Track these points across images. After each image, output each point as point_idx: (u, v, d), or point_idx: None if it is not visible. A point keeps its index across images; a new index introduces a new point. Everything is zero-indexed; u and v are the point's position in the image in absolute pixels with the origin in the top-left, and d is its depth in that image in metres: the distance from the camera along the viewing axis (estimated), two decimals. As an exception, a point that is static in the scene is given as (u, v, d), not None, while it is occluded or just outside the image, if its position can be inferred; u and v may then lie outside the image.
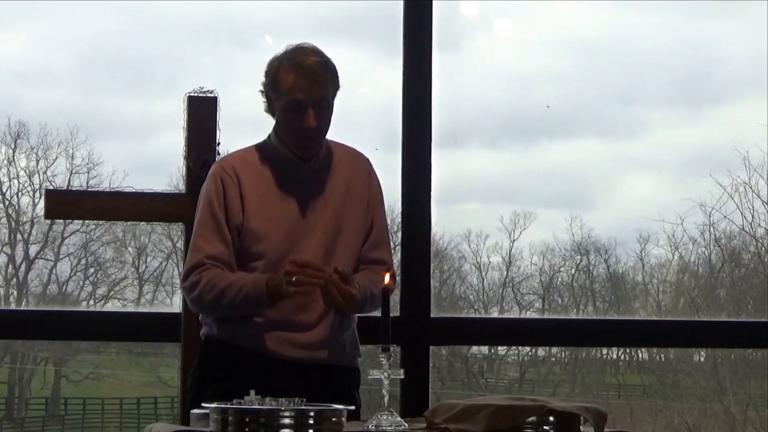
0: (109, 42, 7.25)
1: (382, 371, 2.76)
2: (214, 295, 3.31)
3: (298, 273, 3.18)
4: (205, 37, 7.39)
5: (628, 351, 8.80)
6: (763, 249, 8.04)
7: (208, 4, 6.70)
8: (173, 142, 4.17)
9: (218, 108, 3.96)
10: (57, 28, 7.53)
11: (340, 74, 3.43)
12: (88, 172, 7.46)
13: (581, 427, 2.75)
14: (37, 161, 7.64)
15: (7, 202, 7.78)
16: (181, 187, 3.99)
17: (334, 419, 2.55)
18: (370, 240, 3.49)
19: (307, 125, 3.34)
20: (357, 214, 3.46)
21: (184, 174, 3.96)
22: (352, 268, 3.41)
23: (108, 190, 4.43)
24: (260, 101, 3.46)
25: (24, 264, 7.81)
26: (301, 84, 3.34)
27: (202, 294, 3.32)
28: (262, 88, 3.43)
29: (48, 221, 7.55)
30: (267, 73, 3.42)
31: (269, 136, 3.48)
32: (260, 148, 3.47)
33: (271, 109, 3.44)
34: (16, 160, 7.63)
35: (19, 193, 7.76)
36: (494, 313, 8.32)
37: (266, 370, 3.30)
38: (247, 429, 2.49)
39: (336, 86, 3.42)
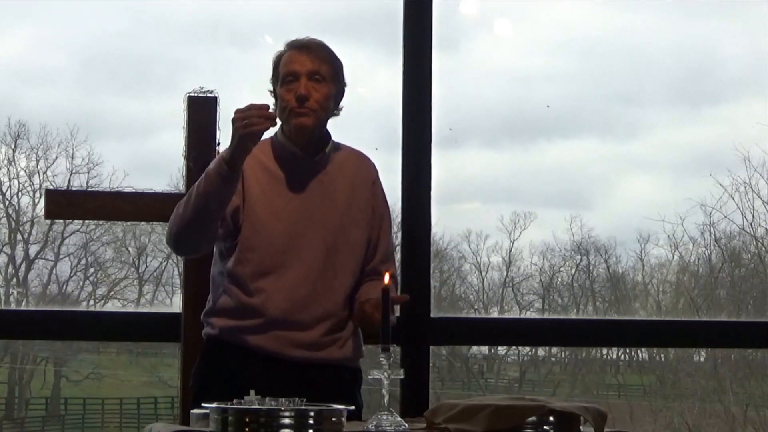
0: (109, 42, 7.25)
1: (382, 371, 2.76)
2: (183, 203, 3.28)
3: (246, 116, 3.12)
4: (205, 37, 7.39)
5: (628, 351, 8.80)
6: (764, 249, 8.04)
7: (207, 3, 6.71)
8: (173, 142, 4.17)
9: (218, 108, 3.97)
10: (57, 28, 7.53)
11: (345, 75, 3.46)
12: (88, 172, 7.47)
13: (581, 427, 2.75)
14: (37, 161, 7.64)
15: (7, 202, 7.78)
16: (181, 187, 3.99)
17: (334, 419, 2.55)
18: (379, 255, 3.49)
19: (297, 94, 3.34)
20: (361, 217, 3.46)
21: (184, 174, 3.96)
22: (353, 270, 3.42)
23: (108, 190, 4.43)
24: (260, 101, 3.46)
25: (24, 264, 7.81)
26: (296, 57, 3.38)
27: (175, 217, 3.30)
28: (270, 86, 3.46)
29: (48, 221, 7.55)
30: (272, 68, 3.44)
31: (276, 133, 3.48)
32: (266, 143, 3.46)
33: (277, 104, 3.45)
34: (16, 160, 7.63)
35: (19, 193, 7.76)
36: (494, 313, 8.32)
37: (268, 370, 3.30)
38: (247, 429, 2.49)
39: (336, 71, 3.43)
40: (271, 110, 3.17)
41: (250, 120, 3.11)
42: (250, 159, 3.37)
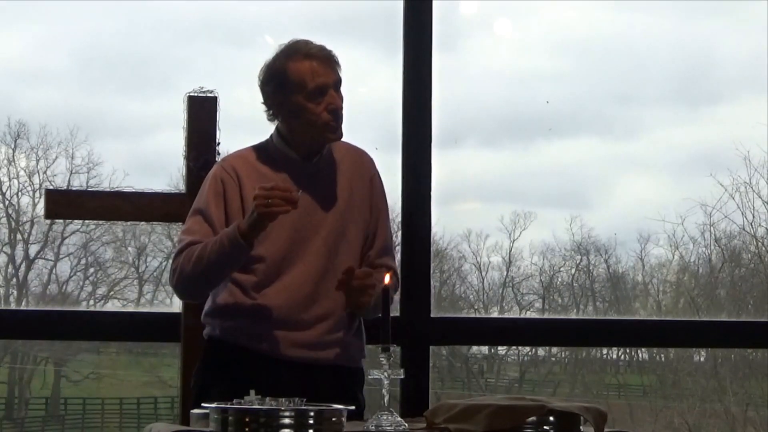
0: (109, 41, 7.25)
1: (382, 371, 2.77)
2: (193, 262, 3.28)
3: (269, 196, 3.14)
4: (204, 37, 7.39)
5: (628, 351, 8.79)
6: (764, 249, 8.04)
7: (206, 3, 6.70)
8: (173, 142, 4.17)
9: (218, 108, 3.97)
10: (56, 28, 7.52)
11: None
12: (88, 172, 7.45)
13: (581, 427, 2.75)
14: (37, 161, 7.63)
15: (7, 202, 7.77)
16: (181, 187, 4.00)
17: (334, 419, 2.55)
18: (376, 248, 3.48)
19: (335, 106, 3.34)
20: (359, 216, 3.46)
21: (184, 174, 3.97)
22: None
23: (108, 190, 4.43)
24: (259, 100, 3.45)
25: (24, 264, 7.80)
26: (319, 68, 3.35)
27: (183, 270, 3.30)
28: (263, 96, 3.42)
29: (48, 221, 7.54)
30: (270, 78, 3.39)
31: (271, 136, 3.47)
32: (261, 148, 3.46)
33: (278, 113, 3.41)
34: (16, 160, 7.62)
35: (19, 193, 7.76)
36: (494, 313, 8.32)
37: (269, 371, 3.30)
38: (247, 429, 2.49)
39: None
40: (293, 193, 3.15)
41: (272, 201, 3.13)
42: (247, 168, 3.37)
